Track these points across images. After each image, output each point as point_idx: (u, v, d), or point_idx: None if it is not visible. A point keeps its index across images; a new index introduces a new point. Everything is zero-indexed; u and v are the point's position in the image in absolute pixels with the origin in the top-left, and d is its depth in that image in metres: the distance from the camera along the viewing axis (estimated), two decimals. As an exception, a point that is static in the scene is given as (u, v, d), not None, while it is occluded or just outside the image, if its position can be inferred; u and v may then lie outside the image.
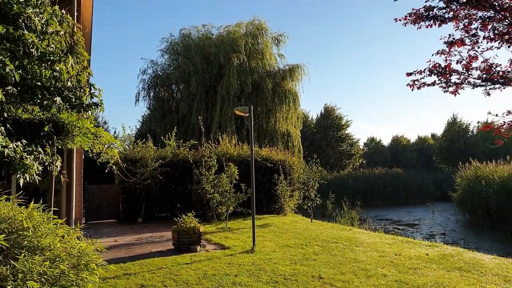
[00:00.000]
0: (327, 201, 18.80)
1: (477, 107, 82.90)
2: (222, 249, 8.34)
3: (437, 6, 5.33)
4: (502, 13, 5.03)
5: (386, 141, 61.60)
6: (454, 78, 5.59)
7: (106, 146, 5.64)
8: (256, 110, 24.52)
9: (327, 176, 30.93)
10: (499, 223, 16.26)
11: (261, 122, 25.10)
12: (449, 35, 5.61)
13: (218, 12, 74.19)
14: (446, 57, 5.61)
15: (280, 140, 25.09)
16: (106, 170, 6.60)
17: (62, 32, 4.31)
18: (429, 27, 5.47)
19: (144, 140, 13.87)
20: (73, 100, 4.51)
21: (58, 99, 4.28)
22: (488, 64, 5.38)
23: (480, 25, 5.27)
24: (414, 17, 5.53)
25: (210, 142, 14.34)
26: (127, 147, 14.02)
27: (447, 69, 5.52)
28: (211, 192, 11.55)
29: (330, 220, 15.70)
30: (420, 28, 5.56)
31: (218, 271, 6.33)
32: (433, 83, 5.68)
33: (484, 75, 5.45)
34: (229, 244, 8.72)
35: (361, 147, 48.31)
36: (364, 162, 45.17)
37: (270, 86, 24.81)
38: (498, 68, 5.42)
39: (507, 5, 5.05)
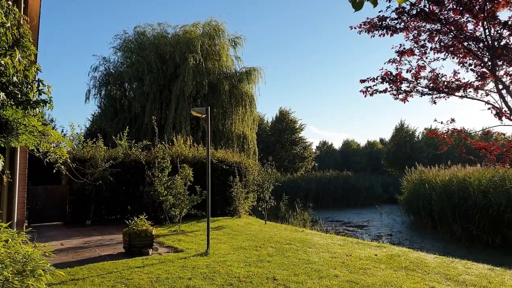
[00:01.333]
0: (280, 203, 19.03)
1: (423, 115, 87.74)
2: (176, 252, 8.19)
3: (389, 17, 5.59)
4: (448, 26, 5.36)
5: (337, 145, 63.48)
6: (404, 86, 5.87)
7: (53, 145, 5.35)
8: (212, 112, 24.38)
9: (281, 178, 31.36)
10: (441, 224, 17.26)
11: (217, 123, 24.99)
12: (400, 45, 5.90)
13: (174, 12, 73.05)
14: (397, 65, 5.89)
15: (236, 142, 25.11)
16: (54, 170, 6.25)
17: (8, 25, 4.03)
18: (382, 36, 5.72)
19: (94, 140, 13.33)
20: (19, 96, 4.23)
21: (2, 94, 4.00)
22: (435, 74, 5.71)
23: (428, 37, 5.59)
24: (368, 26, 5.75)
25: (163, 142, 14.03)
26: (75, 146, 13.40)
27: (398, 77, 5.79)
28: (164, 194, 11.30)
29: (283, 222, 15.91)
30: (373, 36, 5.80)
31: (172, 275, 6.20)
32: (385, 90, 5.92)
33: (431, 84, 5.77)
34: (182, 247, 8.57)
35: (314, 150, 49.48)
36: (316, 165, 46.28)
37: (227, 88, 24.78)
38: (443, 78, 5.76)
39: (452, 19, 5.39)
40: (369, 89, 6.03)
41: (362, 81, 6.01)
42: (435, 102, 5.87)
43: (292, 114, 44.74)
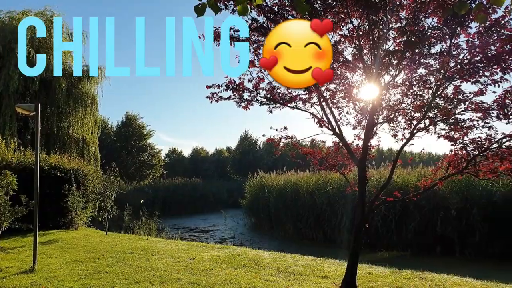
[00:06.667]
0: (124, 213, 18.02)
1: (266, 123, 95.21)
2: (-9, 273, 6.94)
3: (234, 28, 5.91)
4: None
5: (187, 152, 63.73)
6: (246, 95, 6.27)
7: None
8: (45, 112, 21.67)
9: (126, 187, 29.84)
10: (277, 224, 18.98)
11: (52, 125, 22.28)
12: (243, 55, 6.30)
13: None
14: (240, 75, 6.26)
15: (74, 147, 22.82)
16: None
17: None
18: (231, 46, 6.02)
19: None
20: None
21: None
22: (272, 86, 6.27)
23: (266, 51, 6.11)
24: (214, 35, 5.97)
25: (-20, 145, 11.84)
26: None
27: (241, 86, 6.17)
28: (-22, 206, 9.50)
29: (127, 232, 15.12)
30: (218, 46, 6.04)
31: (-16, 299, 5.24)
32: (229, 98, 6.24)
33: (269, 95, 6.32)
34: (0, 266, 7.33)
35: (163, 158, 48.65)
36: (165, 172, 45.53)
37: (64, 86, 22.34)
38: (279, 90, 6.38)
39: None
40: (214, 95, 6.25)
41: (208, 87, 6.20)
42: (271, 112, 6.45)
43: (140, 119, 43.08)
